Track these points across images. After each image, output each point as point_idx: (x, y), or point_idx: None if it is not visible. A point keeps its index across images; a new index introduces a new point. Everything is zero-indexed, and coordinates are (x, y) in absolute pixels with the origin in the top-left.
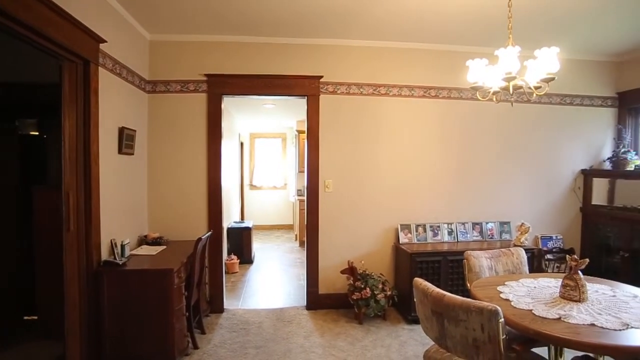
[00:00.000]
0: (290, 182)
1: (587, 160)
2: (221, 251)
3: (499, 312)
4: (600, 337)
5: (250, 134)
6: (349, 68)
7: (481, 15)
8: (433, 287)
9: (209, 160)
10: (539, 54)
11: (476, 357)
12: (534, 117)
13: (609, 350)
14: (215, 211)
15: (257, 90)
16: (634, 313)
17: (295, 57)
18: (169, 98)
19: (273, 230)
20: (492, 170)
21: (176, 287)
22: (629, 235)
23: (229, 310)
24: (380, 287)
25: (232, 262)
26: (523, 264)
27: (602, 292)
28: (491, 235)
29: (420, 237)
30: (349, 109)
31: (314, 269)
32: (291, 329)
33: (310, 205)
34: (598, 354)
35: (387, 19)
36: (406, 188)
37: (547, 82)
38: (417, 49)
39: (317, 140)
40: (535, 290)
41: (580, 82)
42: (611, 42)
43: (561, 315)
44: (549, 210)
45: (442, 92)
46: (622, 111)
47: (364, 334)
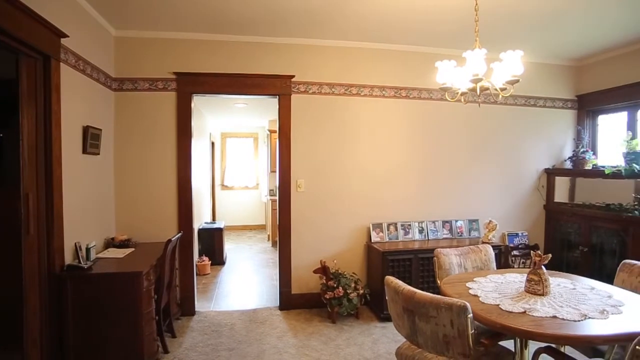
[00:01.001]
0: (262, 182)
1: (550, 160)
2: (192, 253)
3: (467, 307)
4: (561, 328)
5: (222, 134)
6: (320, 68)
7: (449, 18)
8: (404, 285)
9: (178, 160)
10: (504, 56)
11: (446, 352)
12: (501, 118)
13: (569, 340)
14: (185, 212)
15: (228, 89)
16: (592, 304)
17: (267, 56)
18: (136, 96)
19: (245, 231)
20: (461, 170)
21: (145, 291)
22: (588, 231)
23: (201, 313)
24: (353, 286)
25: (203, 263)
26: (491, 260)
27: (563, 286)
28: (460, 232)
29: (391, 236)
30: (321, 109)
31: (287, 269)
32: (264, 329)
33: (282, 205)
34: (559, 344)
35: (358, 19)
36: (378, 187)
37: (512, 84)
38: (388, 49)
39: (289, 139)
40: (502, 285)
41: (543, 84)
42: (571, 48)
43: (526, 309)
44: (515, 208)
45: (413, 93)
46: (581, 113)
47: (337, 333)
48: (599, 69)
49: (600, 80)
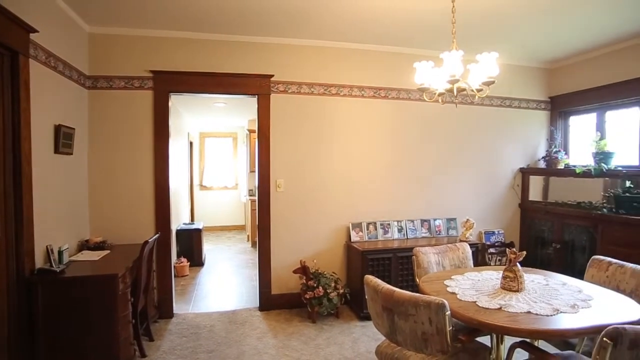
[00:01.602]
0: (241, 182)
1: (525, 159)
2: (170, 254)
3: (445, 305)
4: (535, 323)
5: (200, 133)
6: (300, 67)
7: (427, 20)
8: (383, 283)
9: (155, 160)
10: (480, 58)
11: (425, 349)
12: (477, 118)
13: (542, 334)
14: (163, 213)
15: (207, 88)
16: (563, 299)
17: (246, 56)
18: (111, 95)
19: (224, 232)
20: (440, 169)
21: (121, 294)
22: (560, 229)
23: (179, 315)
24: (333, 286)
25: (181, 265)
26: (468, 258)
27: (537, 282)
28: (439, 231)
29: (371, 235)
30: (300, 109)
31: (266, 270)
32: (244, 331)
33: (262, 205)
34: (533, 338)
35: (337, 19)
36: (357, 187)
37: (487, 85)
38: (367, 50)
39: (268, 139)
40: (479, 282)
41: (518, 86)
42: (544, 51)
43: (502, 305)
44: (491, 206)
45: (392, 93)
46: (553, 114)
47: (318, 333)
48: (570, 72)
49: (571, 82)
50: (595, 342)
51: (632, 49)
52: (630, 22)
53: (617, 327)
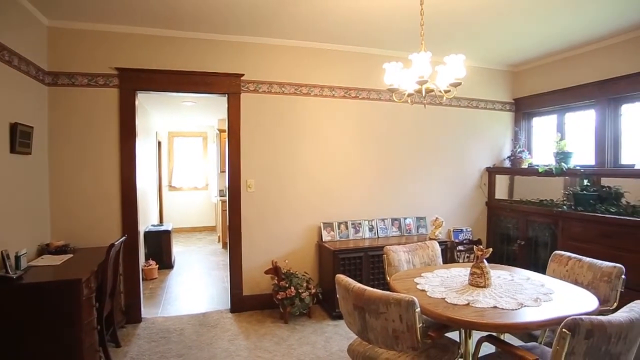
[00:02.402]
0: (212, 182)
1: (491, 159)
2: (137, 257)
3: (415, 302)
4: (501, 317)
5: (169, 133)
6: (270, 67)
7: (397, 21)
8: (354, 282)
9: (121, 160)
10: (447, 60)
11: (396, 346)
12: (446, 119)
13: (507, 328)
14: (129, 214)
15: (175, 87)
16: (527, 293)
17: (216, 54)
18: (74, 92)
19: (195, 233)
20: (410, 169)
21: (85, 299)
22: (524, 226)
23: (148, 319)
24: (305, 286)
25: (150, 267)
26: (437, 255)
27: (503, 277)
28: (409, 230)
29: (342, 235)
30: (271, 108)
31: (238, 271)
32: (215, 333)
33: (232, 205)
34: (499, 332)
35: (309, 19)
36: (329, 186)
37: (455, 87)
38: (338, 50)
39: (239, 139)
40: (448, 279)
41: (484, 88)
42: (509, 55)
43: (469, 301)
44: (459, 205)
45: (362, 93)
46: (518, 115)
47: (290, 333)
48: (533, 75)
49: (533, 85)
50: (556, 333)
51: (587, 55)
52: (586, 29)
53: (574, 318)
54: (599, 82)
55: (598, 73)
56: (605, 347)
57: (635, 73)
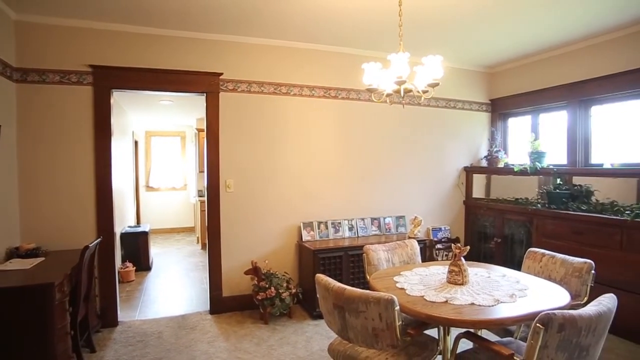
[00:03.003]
0: (190, 182)
1: (468, 159)
2: (113, 259)
3: (394, 300)
4: (478, 314)
5: (146, 132)
6: (250, 66)
7: (376, 21)
8: (334, 282)
9: (96, 160)
10: (425, 61)
11: (376, 344)
12: (424, 119)
13: (484, 324)
14: (105, 215)
15: (152, 85)
16: (503, 290)
17: (194, 52)
18: (45, 90)
19: (173, 234)
20: (389, 168)
21: (58, 303)
22: (501, 224)
23: (124, 323)
24: (285, 286)
25: (126, 270)
26: (416, 254)
27: (480, 275)
28: (388, 229)
29: (322, 234)
30: (250, 108)
31: (217, 272)
32: (194, 335)
33: (211, 206)
34: (477, 328)
35: (289, 18)
36: (309, 186)
37: (433, 87)
38: (318, 50)
39: (217, 139)
40: (427, 277)
41: (462, 88)
42: (485, 56)
43: (448, 299)
44: (438, 204)
45: (342, 93)
46: (494, 115)
47: (270, 334)
48: (508, 76)
49: (509, 86)
50: (531, 328)
51: (560, 58)
52: (560, 33)
53: (547, 313)
54: (570, 85)
55: (570, 75)
56: (576, 339)
57: (604, 76)
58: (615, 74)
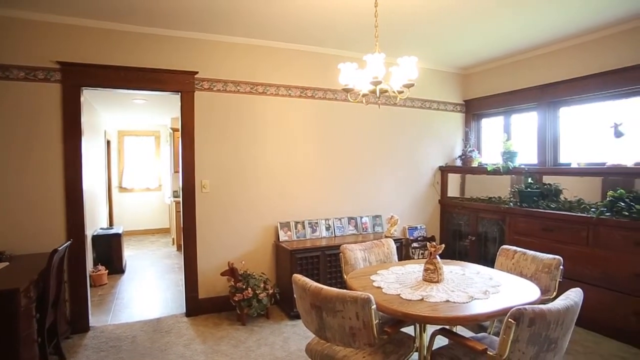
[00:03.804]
0: (165, 183)
1: (443, 158)
2: (84, 262)
3: (371, 299)
4: (453, 311)
5: (119, 132)
6: (226, 65)
7: (352, 22)
8: (311, 281)
9: (65, 161)
10: (401, 61)
11: (353, 343)
12: (400, 119)
13: (459, 320)
14: (75, 218)
15: (125, 83)
16: (477, 287)
17: (168, 50)
18: (8, 86)
19: (147, 235)
20: (366, 168)
21: (24, 310)
22: (475, 222)
23: (96, 328)
24: (262, 286)
25: (99, 273)
26: (393, 253)
27: (455, 272)
28: (365, 228)
29: (299, 234)
30: (226, 107)
31: (193, 273)
32: (170, 339)
33: (187, 206)
34: (452, 325)
35: (266, 17)
36: (285, 186)
37: (408, 88)
38: (294, 49)
39: (193, 138)
40: (403, 276)
41: (437, 89)
42: (459, 58)
43: (423, 296)
44: (414, 203)
45: (318, 93)
46: (468, 116)
47: (248, 335)
48: (482, 78)
49: (482, 87)
50: (503, 323)
51: (530, 61)
52: (529, 35)
53: (519, 309)
54: (540, 86)
55: (540, 78)
56: (546, 332)
57: (571, 79)
58: (582, 77)
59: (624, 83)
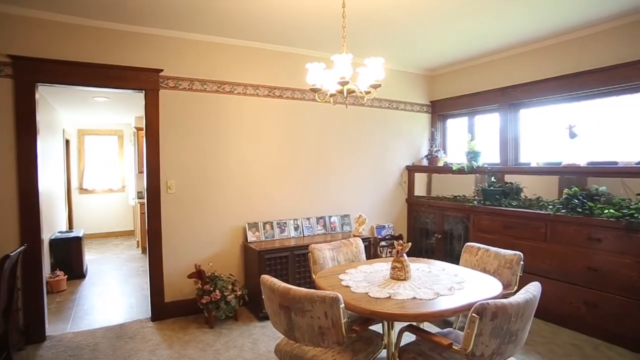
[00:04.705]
0: (129, 183)
1: (410, 158)
2: (40, 268)
3: (339, 298)
4: (419, 307)
5: (79, 130)
6: (192, 63)
7: (320, 22)
8: (280, 282)
9: (18, 161)
10: (368, 62)
11: (322, 343)
12: (368, 119)
13: (425, 317)
14: (30, 221)
15: (85, 80)
16: (443, 284)
17: (132, 47)
18: None
19: (110, 238)
20: (334, 168)
21: None
22: (441, 220)
23: (53, 337)
24: (230, 288)
25: (57, 279)
26: (361, 252)
27: (421, 270)
28: (334, 228)
29: (268, 235)
30: (192, 106)
31: (158, 277)
32: (134, 345)
33: (152, 208)
34: (419, 321)
35: (233, 15)
36: (253, 187)
37: (375, 88)
38: (262, 48)
39: (157, 138)
40: (371, 274)
41: (404, 90)
42: (426, 60)
43: (391, 294)
44: (382, 202)
45: (286, 93)
46: (434, 116)
47: (216, 338)
48: (447, 80)
49: (448, 89)
50: (467, 317)
51: (493, 64)
52: (491, 40)
53: (482, 303)
54: (502, 89)
55: (502, 80)
56: (507, 325)
57: (530, 82)
58: (540, 80)
59: (578, 87)
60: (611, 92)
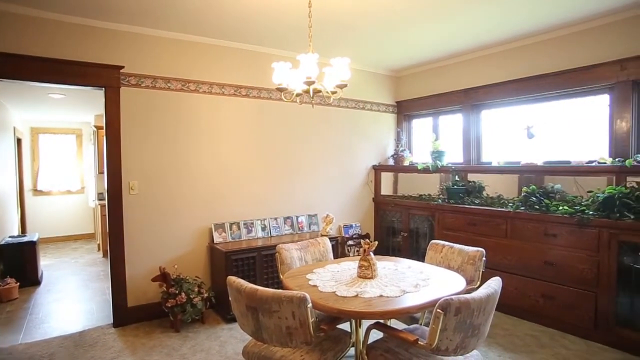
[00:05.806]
0: (89, 184)
1: (377, 157)
2: None
3: (307, 298)
4: (386, 305)
5: (32, 129)
6: (155, 60)
7: (286, 21)
8: (246, 283)
9: None
10: (334, 62)
11: (290, 343)
12: (334, 119)
13: (392, 314)
14: None
15: (38, 76)
16: (408, 281)
17: (91, 42)
18: None
19: (69, 242)
20: (301, 167)
21: None
22: (407, 219)
23: (3, 350)
24: (197, 290)
25: (7, 287)
26: (328, 251)
27: (388, 268)
28: (301, 227)
29: (234, 235)
30: (156, 105)
31: (120, 280)
32: (94, 353)
33: (113, 209)
34: (386, 318)
35: (198, 12)
36: (220, 186)
37: (341, 88)
38: (228, 47)
39: (119, 137)
40: (338, 273)
41: (370, 90)
42: (391, 61)
43: (358, 293)
44: (349, 201)
45: (253, 92)
46: (400, 117)
47: (182, 342)
48: (412, 81)
49: (413, 89)
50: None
51: (456, 66)
52: (454, 43)
53: (446, 299)
54: (464, 90)
55: (464, 82)
56: (470, 320)
57: (491, 84)
58: (501, 83)
59: (535, 89)
60: (566, 95)
